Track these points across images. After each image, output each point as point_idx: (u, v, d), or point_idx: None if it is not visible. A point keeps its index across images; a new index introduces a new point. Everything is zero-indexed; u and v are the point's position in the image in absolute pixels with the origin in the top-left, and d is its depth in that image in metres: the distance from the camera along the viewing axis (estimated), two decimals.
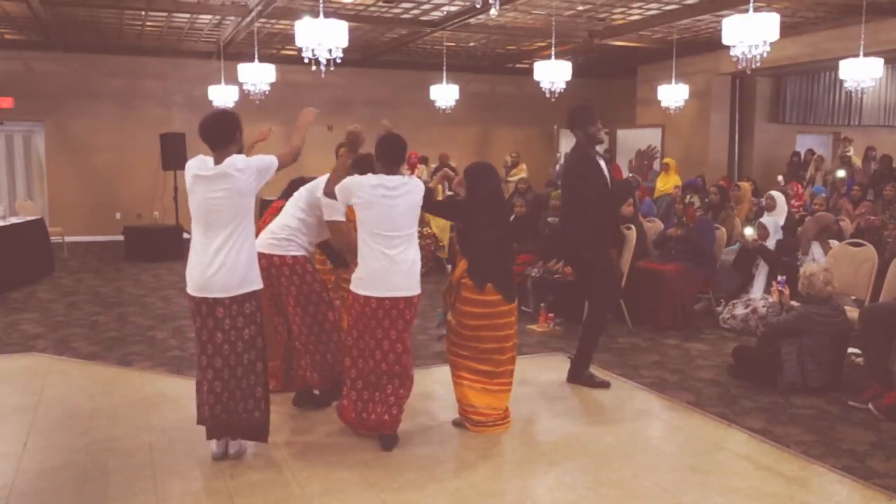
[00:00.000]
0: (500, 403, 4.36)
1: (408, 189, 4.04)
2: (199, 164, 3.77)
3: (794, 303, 5.38)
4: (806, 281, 5.21)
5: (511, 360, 4.41)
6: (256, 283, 3.83)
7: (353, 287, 4.06)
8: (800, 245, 7.09)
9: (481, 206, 4.29)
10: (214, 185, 3.70)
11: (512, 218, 8.21)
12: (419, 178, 12.54)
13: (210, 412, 3.80)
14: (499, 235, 4.31)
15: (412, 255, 4.03)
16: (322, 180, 4.42)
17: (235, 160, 3.73)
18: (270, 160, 3.85)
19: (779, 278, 5.58)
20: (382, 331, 4.00)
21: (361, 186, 3.99)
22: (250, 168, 3.74)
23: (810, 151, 13.01)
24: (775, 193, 7.85)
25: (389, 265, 3.94)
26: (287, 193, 4.92)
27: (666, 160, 12.23)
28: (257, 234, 4.85)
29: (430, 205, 4.36)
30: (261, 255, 4.35)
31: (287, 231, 4.41)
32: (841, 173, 11.20)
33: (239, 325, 3.76)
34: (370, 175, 4.06)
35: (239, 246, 3.72)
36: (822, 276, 5.17)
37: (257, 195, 3.89)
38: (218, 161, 3.74)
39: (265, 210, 5.15)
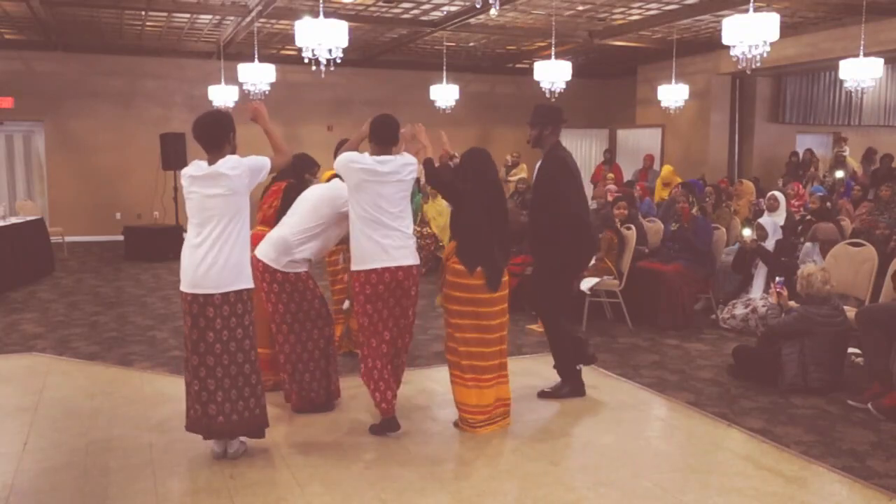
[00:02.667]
0: (489, 400, 4.30)
1: (399, 174, 4.13)
2: (194, 168, 3.83)
3: (792, 303, 5.37)
4: (804, 281, 5.21)
5: (496, 355, 4.31)
6: (247, 283, 3.84)
7: (352, 267, 4.16)
8: (798, 246, 7.09)
9: (476, 190, 4.25)
10: (208, 185, 3.74)
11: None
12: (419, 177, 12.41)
13: (203, 412, 3.80)
14: (491, 222, 4.24)
15: (403, 229, 4.12)
16: (336, 189, 4.44)
17: (228, 160, 3.78)
18: (263, 161, 3.89)
19: (777, 279, 5.58)
20: (388, 309, 4.11)
21: (352, 168, 4.08)
22: (242, 166, 3.78)
23: (808, 151, 13.01)
24: (777, 193, 7.85)
25: (380, 241, 4.05)
26: (288, 175, 4.88)
27: (664, 173, 12.22)
28: (262, 220, 4.88)
29: (432, 175, 4.34)
30: (263, 266, 4.35)
31: (294, 251, 4.40)
32: (840, 174, 11.20)
33: (231, 325, 3.77)
34: (365, 156, 4.14)
35: (231, 244, 3.74)
36: (820, 275, 5.17)
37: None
38: (212, 162, 3.79)
39: (264, 193, 5.12)
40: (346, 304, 5.81)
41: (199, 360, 3.77)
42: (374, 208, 4.06)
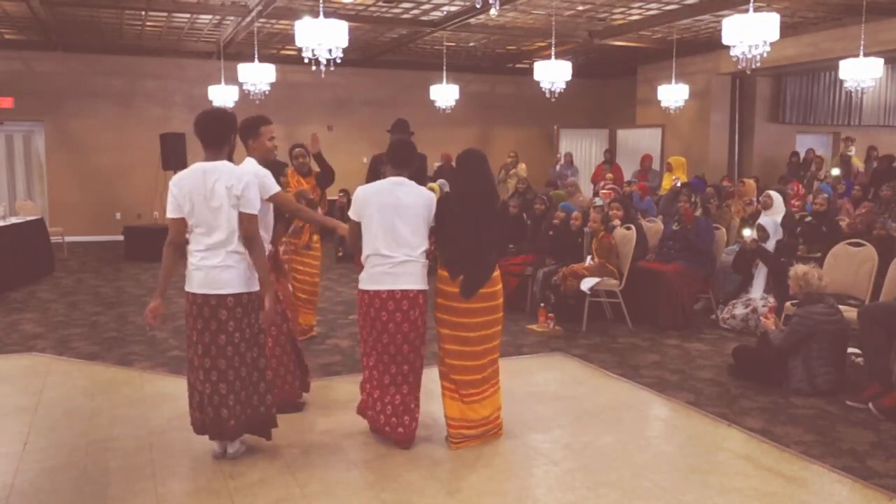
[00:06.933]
0: (474, 414, 4.10)
1: (414, 202, 4.02)
2: (199, 170, 3.73)
3: (784, 317, 5.35)
4: (802, 280, 5.20)
5: (478, 369, 4.09)
6: (256, 285, 3.82)
7: (360, 285, 4.08)
8: (798, 246, 7.09)
9: (464, 195, 4.08)
10: (216, 188, 3.68)
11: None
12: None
13: (216, 415, 3.77)
14: (479, 227, 4.02)
15: (415, 255, 4.00)
16: (250, 168, 4.17)
17: (242, 174, 3.75)
18: (273, 186, 3.96)
19: (762, 302, 5.52)
20: (388, 335, 3.98)
21: (367, 203, 4.00)
22: (256, 181, 3.78)
23: (811, 151, 13.01)
24: (773, 192, 7.84)
25: (390, 267, 3.96)
26: None
27: (671, 160, 12.22)
28: None
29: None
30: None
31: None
32: (836, 171, 11.21)
33: (243, 325, 3.76)
34: (378, 185, 4.07)
35: (242, 247, 3.73)
36: (816, 272, 5.20)
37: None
38: (209, 159, 3.74)
39: None
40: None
41: (211, 363, 3.74)
42: (389, 235, 3.96)
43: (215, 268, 3.69)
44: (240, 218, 3.69)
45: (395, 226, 3.97)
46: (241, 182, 3.69)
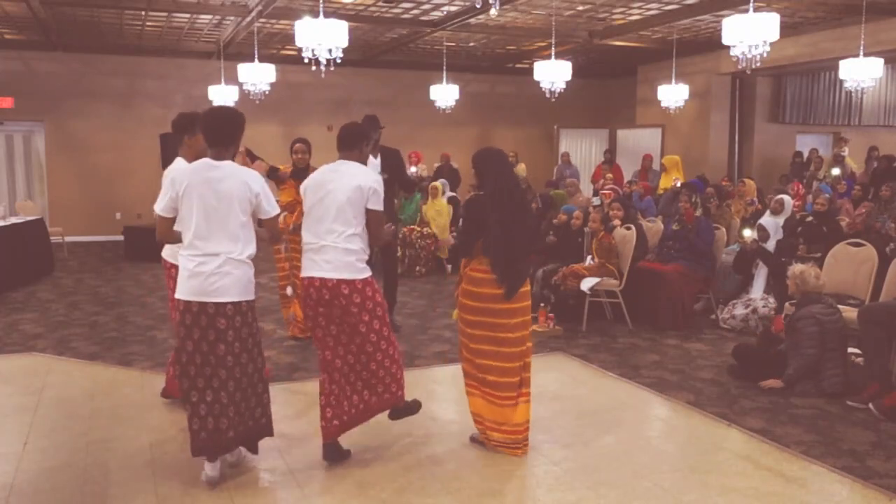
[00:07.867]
0: (508, 419, 4.00)
1: (341, 185, 3.82)
2: (204, 169, 3.64)
3: (784, 317, 5.36)
4: (799, 280, 5.21)
5: (512, 372, 4.00)
6: (253, 294, 3.73)
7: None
8: (798, 246, 7.09)
9: (495, 199, 3.94)
10: (222, 191, 3.60)
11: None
12: (419, 176, 12.53)
13: (215, 426, 3.59)
14: (522, 230, 3.96)
15: (337, 241, 3.80)
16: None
17: (253, 179, 3.68)
18: (273, 204, 3.78)
19: (761, 307, 5.48)
20: (329, 323, 3.83)
21: (304, 190, 3.97)
22: (264, 192, 3.70)
23: (814, 151, 13.01)
24: (786, 197, 7.82)
25: (313, 253, 3.85)
26: None
27: (664, 160, 12.23)
28: None
29: (462, 247, 4.12)
30: (171, 264, 3.97)
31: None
32: (836, 171, 11.20)
33: (243, 335, 3.63)
34: (318, 171, 4.03)
35: (244, 253, 3.65)
36: (813, 272, 5.22)
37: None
38: (215, 157, 3.63)
39: None
40: (289, 290, 6.00)
41: (212, 371, 3.58)
42: (317, 215, 3.85)
43: (213, 274, 3.54)
44: (264, 224, 3.75)
45: (319, 211, 3.85)
46: (254, 187, 3.64)
